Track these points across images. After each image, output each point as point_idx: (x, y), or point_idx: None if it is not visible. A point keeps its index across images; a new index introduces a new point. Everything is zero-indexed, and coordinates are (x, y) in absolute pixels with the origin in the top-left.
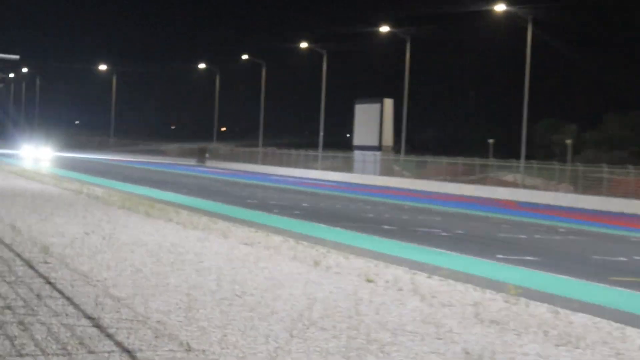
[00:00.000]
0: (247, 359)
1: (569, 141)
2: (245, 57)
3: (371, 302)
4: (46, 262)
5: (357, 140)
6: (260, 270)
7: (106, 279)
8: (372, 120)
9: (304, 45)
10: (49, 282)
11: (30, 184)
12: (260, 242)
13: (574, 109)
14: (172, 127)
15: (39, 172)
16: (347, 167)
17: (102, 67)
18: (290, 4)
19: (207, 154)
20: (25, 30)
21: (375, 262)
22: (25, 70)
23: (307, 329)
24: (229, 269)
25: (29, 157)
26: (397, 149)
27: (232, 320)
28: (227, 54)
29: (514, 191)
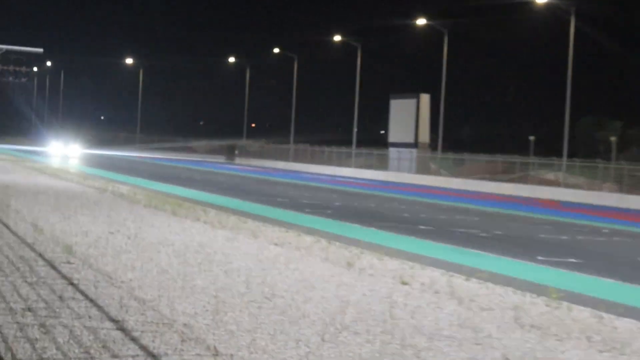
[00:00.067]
0: None
1: (613, 138)
2: (276, 50)
3: (406, 305)
4: (69, 263)
5: (393, 137)
6: (290, 271)
7: (131, 280)
8: (408, 116)
9: (338, 38)
10: (72, 283)
11: (53, 181)
12: (291, 243)
13: (619, 105)
14: (201, 123)
15: (62, 169)
16: (382, 164)
17: (129, 61)
18: None
19: (236, 151)
20: (49, 22)
21: (410, 263)
22: (49, 63)
23: (340, 333)
24: (258, 270)
25: (57, 154)
26: (433, 146)
27: (261, 323)
28: (258, 48)
29: (556, 190)
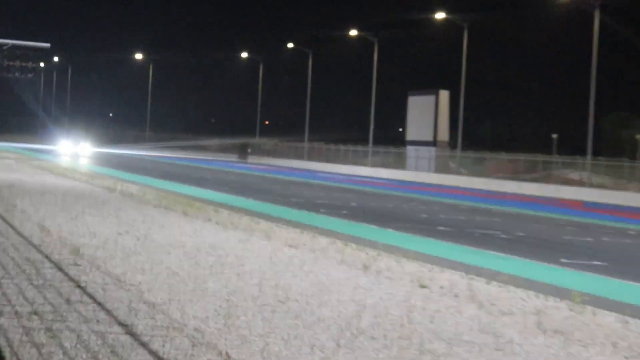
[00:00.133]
0: None
1: (639, 136)
2: (290, 45)
3: (425, 309)
4: (76, 265)
5: (411, 135)
6: (305, 274)
7: (140, 283)
8: (426, 113)
9: (354, 33)
10: (79, 286)
11: (60, 181)
12: (305, 244)
13: None
14: (212, 120)
15: (70, 168)
16: (400, 163)
17: (138, 56)
18: None
19: (249, 150)
20: (56, 16)
21: (429, 266)
22: (56, 59)
23: (356, 338)
24: (271, 273)
25: (67, 153)
26: (453, 144)
27: (274, 328)
28: (271, 43)
29: (580, 190)
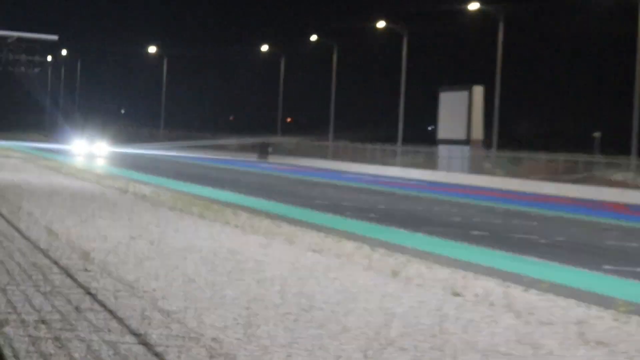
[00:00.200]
0: None
1: None
2: (314, 38)
3: (458, 319)
4: (86, 270)
5: (442, 133)
6: (330, 281)
7: (154, 290)
8: (459, 110)
9: (382, 25)
10: (89, 293)
11: (69, 181)
12: (330, 249)
13: None
14: (231, 118)
15: (81, 169)
16: (431, 163)
17: (151, 50)
18: None
19: (270, 149)
20: (64, 7)
21: (462, 272)
22: (64, 52)
23: (384, 349)
24: (294, 280)
25: (82, 153)
26: (487, 143)
27: (297, 338)
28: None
29: (624, 192)
